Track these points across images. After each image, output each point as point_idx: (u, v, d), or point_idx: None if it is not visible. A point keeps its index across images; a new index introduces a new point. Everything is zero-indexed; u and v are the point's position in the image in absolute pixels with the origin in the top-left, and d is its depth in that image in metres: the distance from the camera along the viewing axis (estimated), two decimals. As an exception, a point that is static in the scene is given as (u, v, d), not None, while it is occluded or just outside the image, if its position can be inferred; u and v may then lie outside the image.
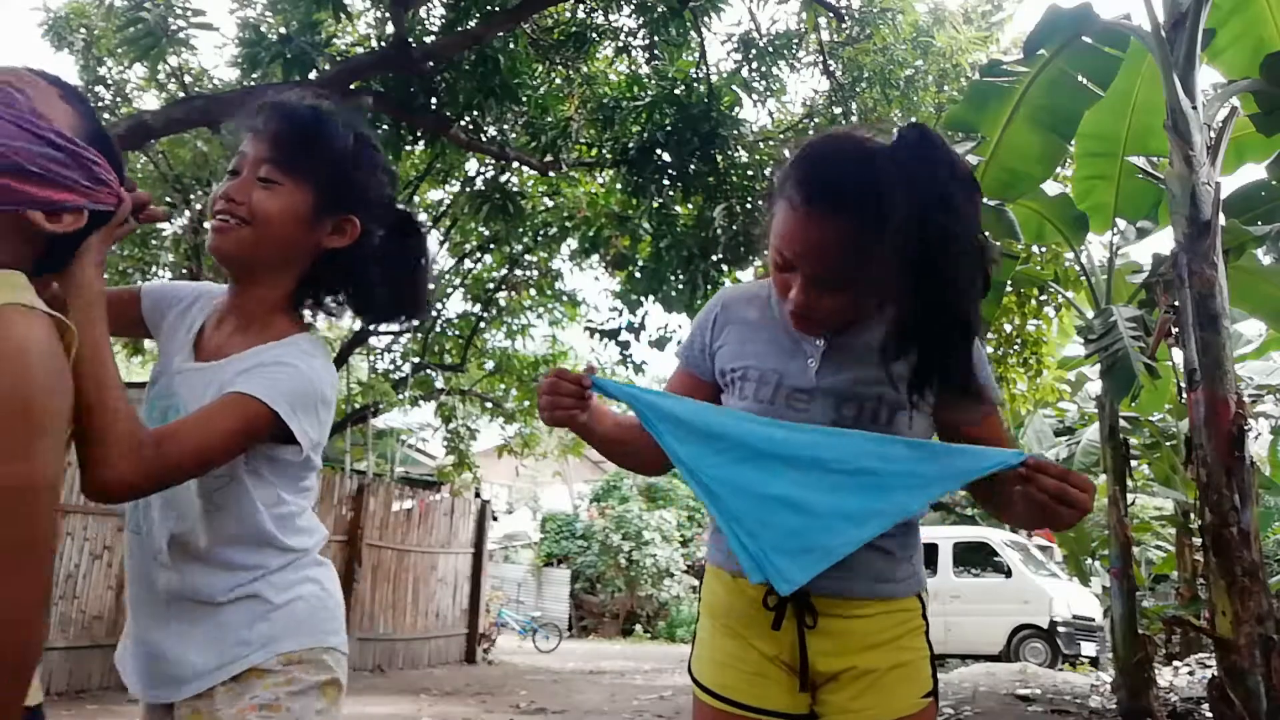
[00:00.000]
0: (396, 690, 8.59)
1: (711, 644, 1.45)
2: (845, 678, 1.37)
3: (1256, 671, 3.96)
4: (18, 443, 0.89)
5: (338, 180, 1.29)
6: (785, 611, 1.36)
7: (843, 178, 1.20)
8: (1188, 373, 4.40)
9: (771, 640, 1.38)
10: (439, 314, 11.96)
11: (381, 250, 1.35)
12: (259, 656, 1.24)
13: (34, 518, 0.90)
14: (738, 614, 1.42)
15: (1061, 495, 1.15)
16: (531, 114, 7.31)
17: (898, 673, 1.36)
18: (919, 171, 1.15)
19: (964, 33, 8.00)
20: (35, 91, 1.03)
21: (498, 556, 18.76)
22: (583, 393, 1.33)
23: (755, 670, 1.39)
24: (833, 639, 1.37)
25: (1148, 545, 13.71)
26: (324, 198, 1.28)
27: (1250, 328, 10.07)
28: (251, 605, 1.27)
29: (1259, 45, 5.14)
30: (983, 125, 5.65)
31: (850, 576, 1.35)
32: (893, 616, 1.39)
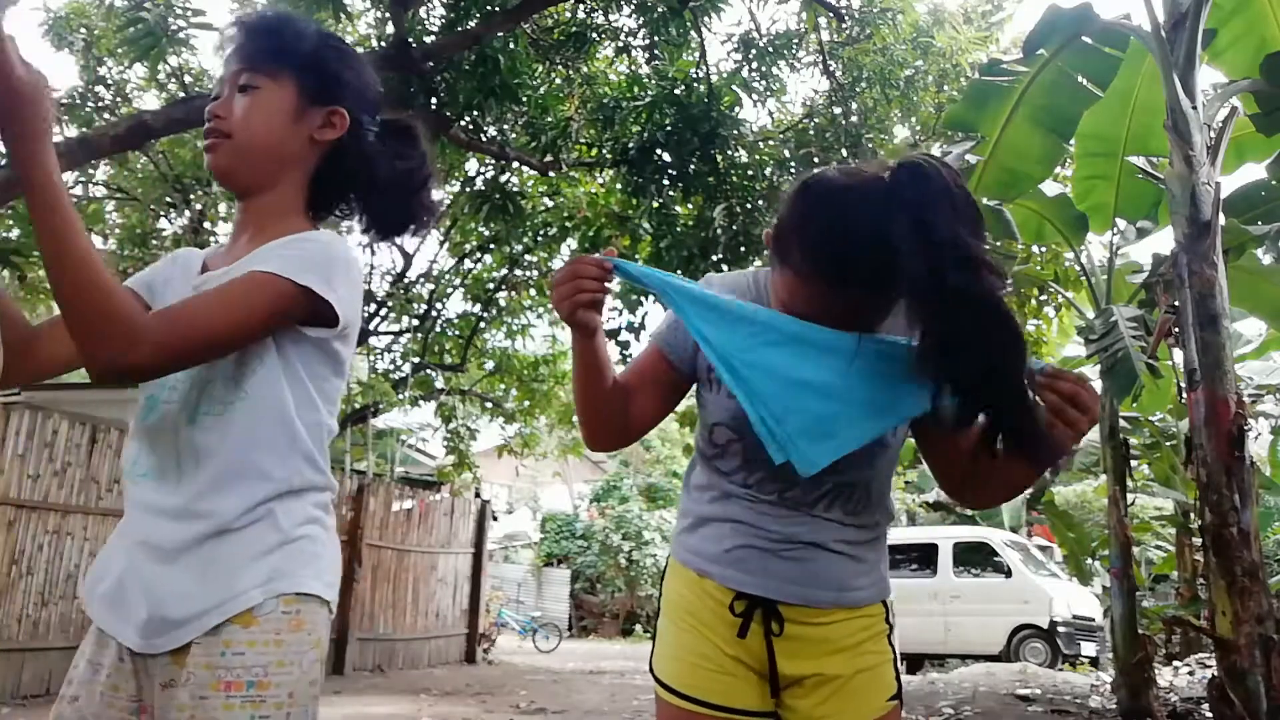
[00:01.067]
0: (396, 690, 8.59)
1: (674, 641, 1.42)
2: (810, 683, 1.37)
3: (1256, 671, 3.96)
4: None
5: (315, 70, 1.27)
6: (752, 619, 1.36)
7: (850, 250, 1.18)
8: (1188, 373, 4.40)
9: (738, 644, 1.38)
10: (439, 314, 11.96)
11: (383, 149, 1.33)
12: (257, 595, 1.14)
13: None
14: (703, 615, 1.40)
15: (1075, 398, 1.16)
16: (531, 114, 7.31)
17: (862, 678, 1.37)
18: (923, 216, 1.13)
19: (964, 33, 8.00)
20: None
21: (498, 556, 18.76)
22: (606, 275, 1.23)
23: (720, 668, 1.37)
24: (798, 643, 1.37)
25: (1148, 545, 13.70)
26: (305, 89, 1.26)
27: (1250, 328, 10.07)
28: (263, 532, 1.17)
29: (1260, 45, 5.14)
30: (982, 125, 5.65)
31: (818, 585, 1.37)
32: (857, 622, 1.39)
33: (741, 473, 1.38)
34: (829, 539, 1.38)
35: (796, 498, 1.36)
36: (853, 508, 1.38)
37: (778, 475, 1.33)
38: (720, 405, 1.37)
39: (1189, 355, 4.37)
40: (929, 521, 17.26)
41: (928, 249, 1.11)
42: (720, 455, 1.40)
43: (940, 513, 18.05)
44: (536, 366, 12.43)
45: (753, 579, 1.37)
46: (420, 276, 11.71)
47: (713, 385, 1.38)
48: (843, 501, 1.37)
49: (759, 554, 1.37)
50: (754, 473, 1.37)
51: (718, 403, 1.37)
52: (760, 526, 1.38)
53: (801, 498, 1.36)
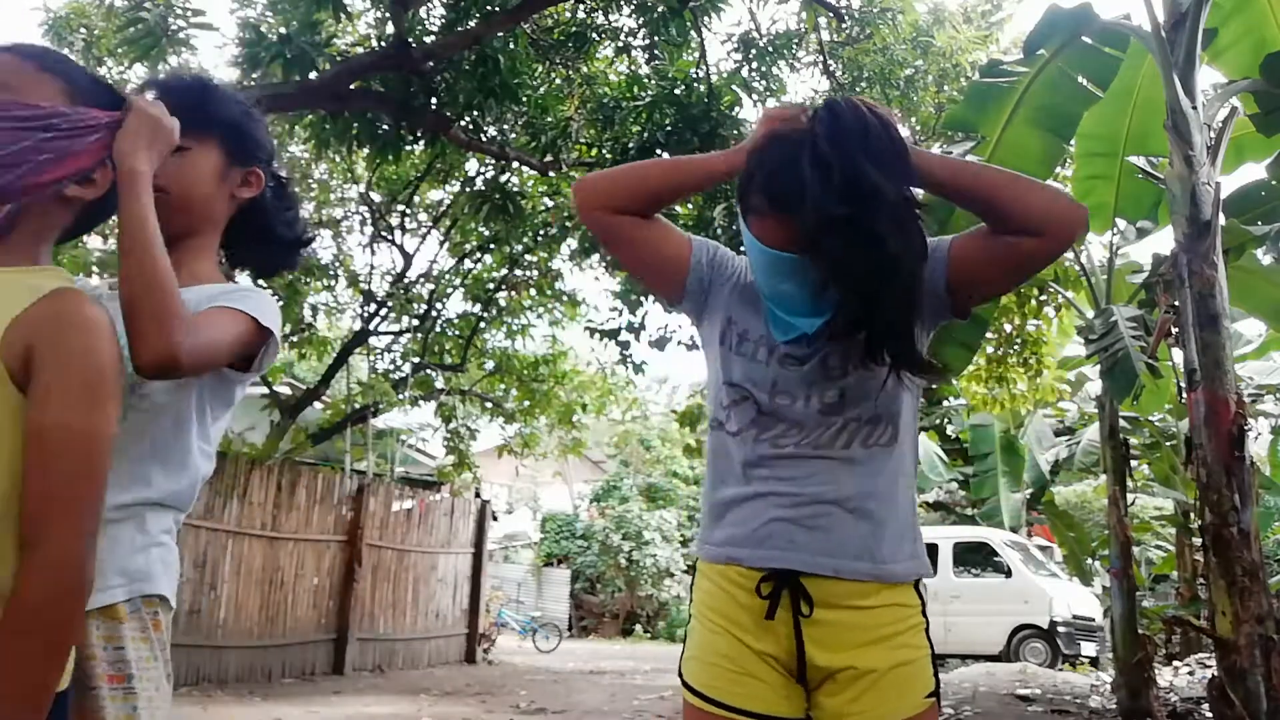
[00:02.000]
0: (396, 690, 8.59)
1: (700, 643, 1.41)
2: (843, 678, 1.33)
3: (1256, 671, 3.95)
4: (97, 399, 1.06)
5: (240, 134, 1.41)
6: (779, 600, 1.33)
7: (776, 183, 1.33)
8: (1188, 373, 4.40)
9: (766, 634, 1.35)
10: (439, 314, 11.96)
11: (276, 203, 1.48)
12: (121, 594, 1.23)
13: (99, 462, 1.06)
14: (730, 609, 1.38)
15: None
16: (531, 114, 7.31)
17: (899, 673, 1.33)
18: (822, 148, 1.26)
19: (964, 32, 8.00)
20: (17, 80, 1.12)
21: (498, 556, 18.76)
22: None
23: (744, 670, 1.35)
24: (830, 630, 1.33)
25: (1148, 545, 13.72)
26: (230, 152, 1.39)
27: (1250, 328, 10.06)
28: (134, 531, 1.26)
29: (1260, 45, 5.14)
30: (982, 125, 5.65)
31: (848, 554, 1.34)
32: (892, 611, 1.35)
33: (753, 429, 1.40)
34: (851, 492, 1.35)
35: (813, 441, 1.37)
36: (872, 442, 1.38)
37: (787, 420, 1.38)
38: (735, 364, 1.43)
39: (1189, 355, 4.37)
40: (929, 521, 17.26)
41: (822, 177, 1.24)
42: (732, 410, 1.43)
43: (940, 513, 18.07)
44: (536, 366, 12.42)
45: (781, 554, 1.35)
46: (420, 276, 11.71)
47: (732, 345, 1.44)
48: (861, 438, 1.37)
49: (784, 526, 1.35)
50: (766, 427, 1.39)
51: (734, 361, 1.43)
52: (781, 494, 1.36)
53: (817, 440, 1.37)
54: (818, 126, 1.29)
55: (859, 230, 1.23)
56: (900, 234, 1.25)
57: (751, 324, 1.45)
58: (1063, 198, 1.41)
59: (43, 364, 1.04)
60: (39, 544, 1.01)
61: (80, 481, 1.04)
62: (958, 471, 16.62)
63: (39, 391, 1.04)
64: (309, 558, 9.47)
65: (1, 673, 0.98)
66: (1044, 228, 1.31)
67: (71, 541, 1.02)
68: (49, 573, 1.01)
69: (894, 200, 1.25)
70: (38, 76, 1.13)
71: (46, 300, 1.07)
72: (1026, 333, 8.73)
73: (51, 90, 1.13)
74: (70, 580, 1.02)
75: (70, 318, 1.06)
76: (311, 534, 9.56)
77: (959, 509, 17.82)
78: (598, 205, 1.49)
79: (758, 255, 1.38)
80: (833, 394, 1.38)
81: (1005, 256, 1.35)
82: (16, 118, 1.09)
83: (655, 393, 24.31)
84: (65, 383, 1.04)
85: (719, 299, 1.49)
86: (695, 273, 1.51)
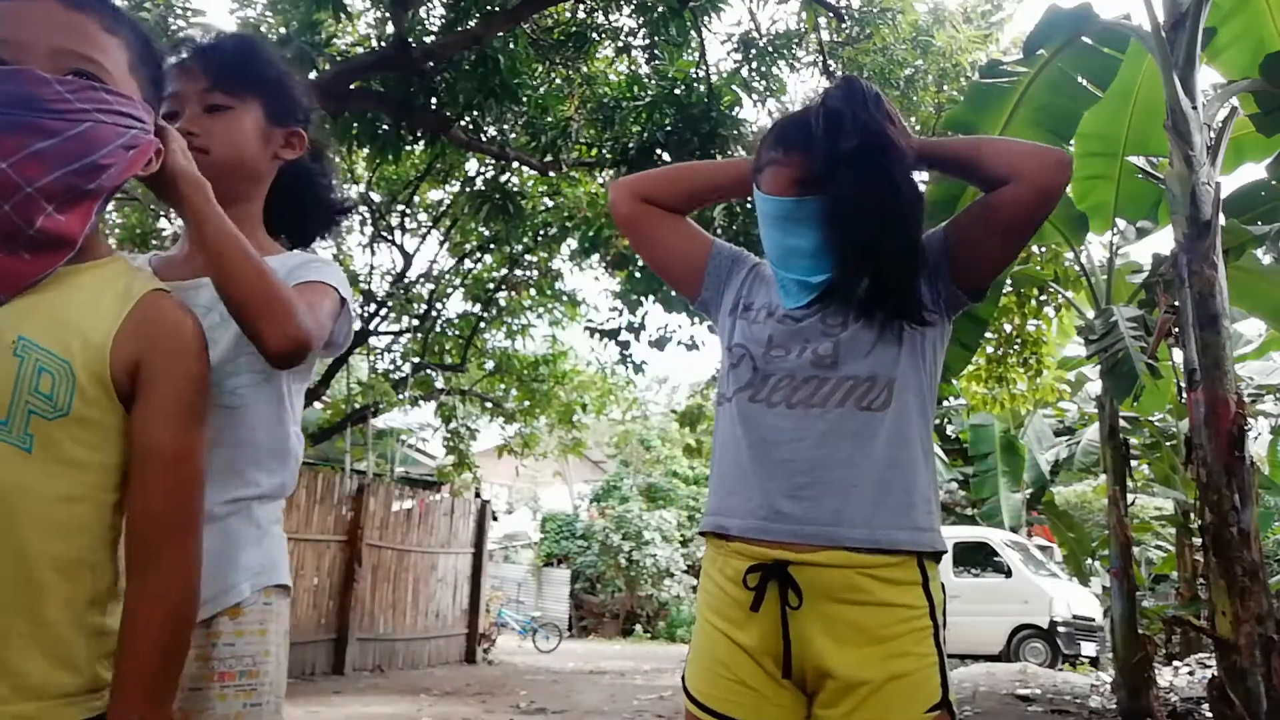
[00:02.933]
0: (396, 690, 8.59)
1: (698, 648, 1.39)
2: (834, 688, 1.28)
3: (1256, 671, 3.95)
4: (200, 415, 1.06)
5: (282, 93, 1.35)
6: (765, 591, 1.30)
7: (791, 127, 1.44)
8: (1188, 373, 4.40)
9: (752, 627, 1.31)
10: (439, 314, 11.96)
11: (314, 167, 1.44)
12: (247, 590, 1.20)
13: (202, 480, 1.06)
14: (721, 604, 1.36)
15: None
16: (531, 114, 7.31)
17: (894, 687, 1.25)
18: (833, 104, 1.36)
19: (964, 32, 7.99)
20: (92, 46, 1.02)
21: (498, 556, 18.76)
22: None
23: (738, 678, 1.32)
24: (821, 623, 1.28)
25: (1148, 545, 13.71)
26: (272, 112, 1.34)
27: (1250, 328, 10.07)
28: (246, 524, 1.23)
29: (1259, 45, 5.14)
30: (982, 125, 5.64)
31: (843, 522, 1.29)
32: (892, 612, 1.28)
33: (749, 389, 1.40)
34: (846, 454, 1.31)
35: (804, 398, 1.35)
36: (866, 404, 1.34)
37: (779, 373, 1.39)
38: (738, 328, 1.47)
39: (1189, 355, 4.37)
40: (929, 521, 17.25)
41: (832, 122, 1.33)
42: (731, 375, 1.45)
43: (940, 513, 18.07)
44: (536, 366, 12.42)
45: (768, 524, 1.32)
46: (420, 276, 11.70)
47: (738, 313, 1.50)
48: (856, 399, 1.34)
49: (775, 495, 1.32)
50: (760, 385, 1.39)
51: (737, 326, 1.48)
52: (775, 458, 1.34)
53: (809, 396, 1.35)
54: (829, 93, 1.38)
55: (870, 165, 1.30)
56: (905, 179, 1.33)
57: (759, 296, 1.50)
58: (1037, 145, 1.47)
59: (153, 379, 1.02)
60: (156, 568, 1.00)
61: (192, 501, 1.04)
62: (958, 471, 16.63)
63: (151, 409, 1.01)
64: (309, 558, 9.47)
65: (126, 683, 0.98)
66: (1020, 171, 1.35)
67: (189, 565, 1.03)
68: (170, 597, 1.01)
69: (900, 147, 1.32)
70: (107, 40, 1.04)
71: (148, 307, 1.04)
72: (1026, 333, 8.73)
73: (119, 57, 1.05)
74: (187, 604, 1.02)
75: (177, 330, 1.05)
76: (311, 534, 9.56)
77: (959, 509, 17.81)
78: (635, 195, 1.59)
79: (768, 209, 1.43)
80: (827, 346, 1.37)
81: (994, 211, 1.39)
82: (117, 113, 1.02)
83: (655, 393, 24.33)
84: (176, 399, 1.03)
85: (733, 285, 1.55)
86: (714, 263, 1.57)
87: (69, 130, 0.97)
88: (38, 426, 0.95)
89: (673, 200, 1.58)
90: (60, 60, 0.98)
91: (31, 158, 0.95)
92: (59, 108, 0.96)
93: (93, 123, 0.99)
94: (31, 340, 0.96)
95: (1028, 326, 8.70)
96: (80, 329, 0.99)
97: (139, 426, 1.01)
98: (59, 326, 0.98)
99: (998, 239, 1.42)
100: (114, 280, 1.05)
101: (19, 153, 0.95)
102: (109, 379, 0.99)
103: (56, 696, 0.95)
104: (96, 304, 1.02)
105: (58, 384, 0.96)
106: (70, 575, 0.97)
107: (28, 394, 0.95)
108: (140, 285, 1.06)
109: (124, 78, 1.05)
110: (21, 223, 0.96)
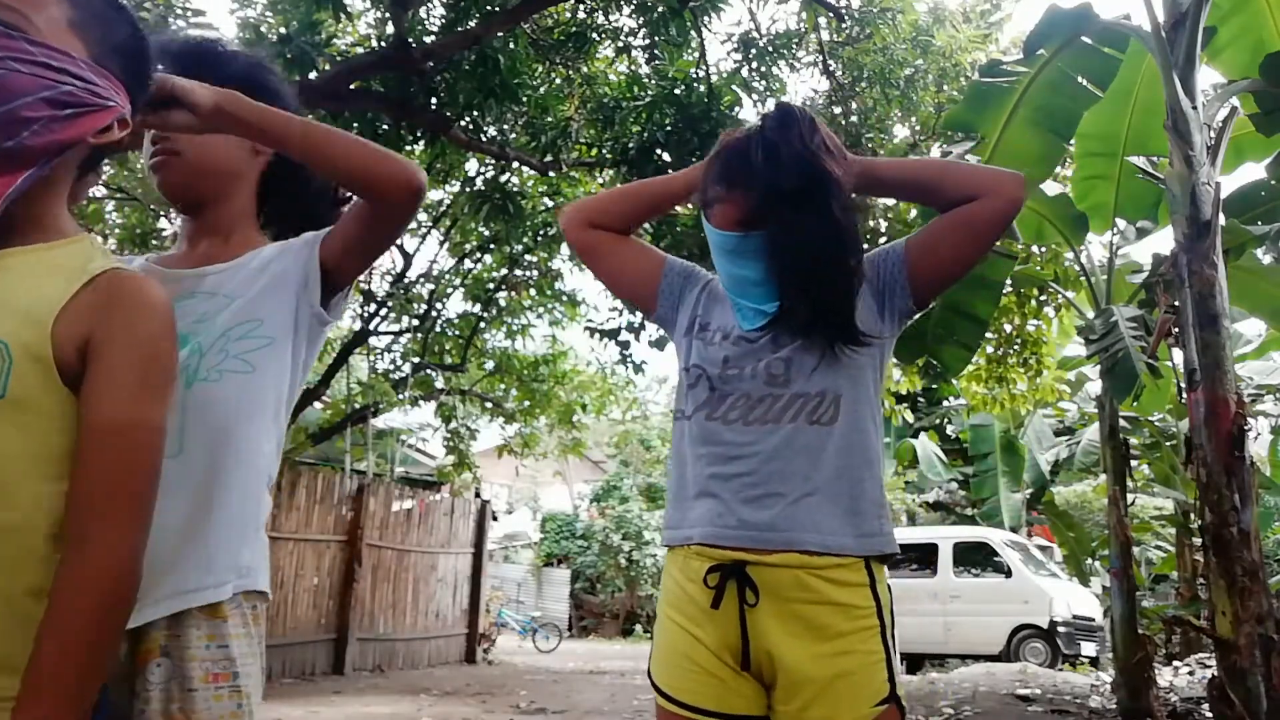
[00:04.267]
0: (396, 690, 8.59)
1: (661, 643, 1.45)
2: (785, 683, 1.35)
3: (1256, 671, 3.96)
4: (156, 389, 0.99)
5: (251, 86, 1.30)
6: (725, 590, 1.36)
7: (731, 166, 1.47)
8: (1188, 373, 4.40)
9: (712, 625, 1.38)
10: (439, 314, 11.95)
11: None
12: (229, 590, 1.18)
13: (156, 456, 0.99)
14: (682, 603, 1.42)
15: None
16: (531, 114, 7.30)
17: (841, 684, 1.33)
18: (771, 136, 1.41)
19: (964, 32, 7.99)
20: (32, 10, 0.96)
21: (498, 556, 18.76)
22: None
23: (702, 668, 1.38)
24: (774, 619, 1.35)
25: (1148, 545, 13.72)
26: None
27: (1250, 328, 10.08)
28: (241, 519, 1.21)
29: (1257, 45, 5.14)
30: (982, 125, 5.65)
31: (797, 527, 1.36)
32: (841, 610, 1.35)
33: (706, 408, 1.46)
34: (799, 467, 1.39)
35: (760, 415, 1.42)
36: (816, 419, 1.41)
37: (736, 392, 1.45)
38: (694, 349, 1.53)
39: (1189, 355, 4.37)
40: (929, 521, 17.27)
41: (769, 156, 1.39)
42: (689, 394, 1.51)
43: (940, 513, 18.07)
44: (536, 366, 12.41)
45: (731, 531, 1.38)
46: (420, 276, 11.69)
47: (694, 334, 1.55)
48: (807, 414, 1.42)
49: (734, 503, 1.39)
50: (717, 404, 1.46)
51: (693, 347, 1.53)
52: (731, 472, 1.40)
53: (764, 414, 1.42)
54: (767, 123, 1.44)
55: (807, 202, 1.37)
56: (843, 210, 1.39)
57: (715, 316, 1.55)
58: (995, 168, 1.54)
59: (100, 354, 0.95)
60: (84, 543, 0.93)
61: (134, 476, 0.96)
62: (958, 471, 16.63)
63: (96, 384, 0.95)
64: (309, 558, 9.47)
65: (39, 677, 0.89)
66: (989, 188, 1.45)
67: (120, 541, 0.94)
68: (96, 573, 0.92)
69: (836, 180, 1.39)
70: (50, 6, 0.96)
71: (102, 284, 0.97)
72: (1026, 333, 8.72)
73: (53, 13, 0.97)
74: (119, 593, 0.94)
75: (132, 303, 0.98)
76: (311, 534, 9.56)
77: (959, 509, 17.82)
78: (584, 222, 1.64)
79: (717, 242, 1.48)
80: (779, 366, 1.44)
81: (955, 225, 1.47)
82: (39, 63, 0.93)
83: (655, 393, 24.34)
84: (125, 373, 0.96)
85: (688, 303, 1.61)
86: (667, 280, 1.63)
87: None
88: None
89: (621, 222, 1.65)
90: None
91: None
92: None
93: (3, 70, 0.90)
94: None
95: (1028, 326, 8.70)
96: (20, 308, 0.93)
97: (84, 400, 0.95)
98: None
99: (970, 247, 1.51)
100: (70, 260, 0.98)
101: None
102: (50, 359, 0.93)
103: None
104: (43, 283, 0.95)
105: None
106: (8, 566, 0.91)
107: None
108: (100, 264, 0.99)
109: (58, 32, 0.96)
110: None
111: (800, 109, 1.44)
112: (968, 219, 1.46)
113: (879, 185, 1.56)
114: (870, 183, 1.53)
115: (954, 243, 1.48)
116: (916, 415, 16.01)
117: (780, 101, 1.52)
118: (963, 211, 1.46)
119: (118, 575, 0.94)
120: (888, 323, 1.50)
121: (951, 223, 1.47)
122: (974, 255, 1.53)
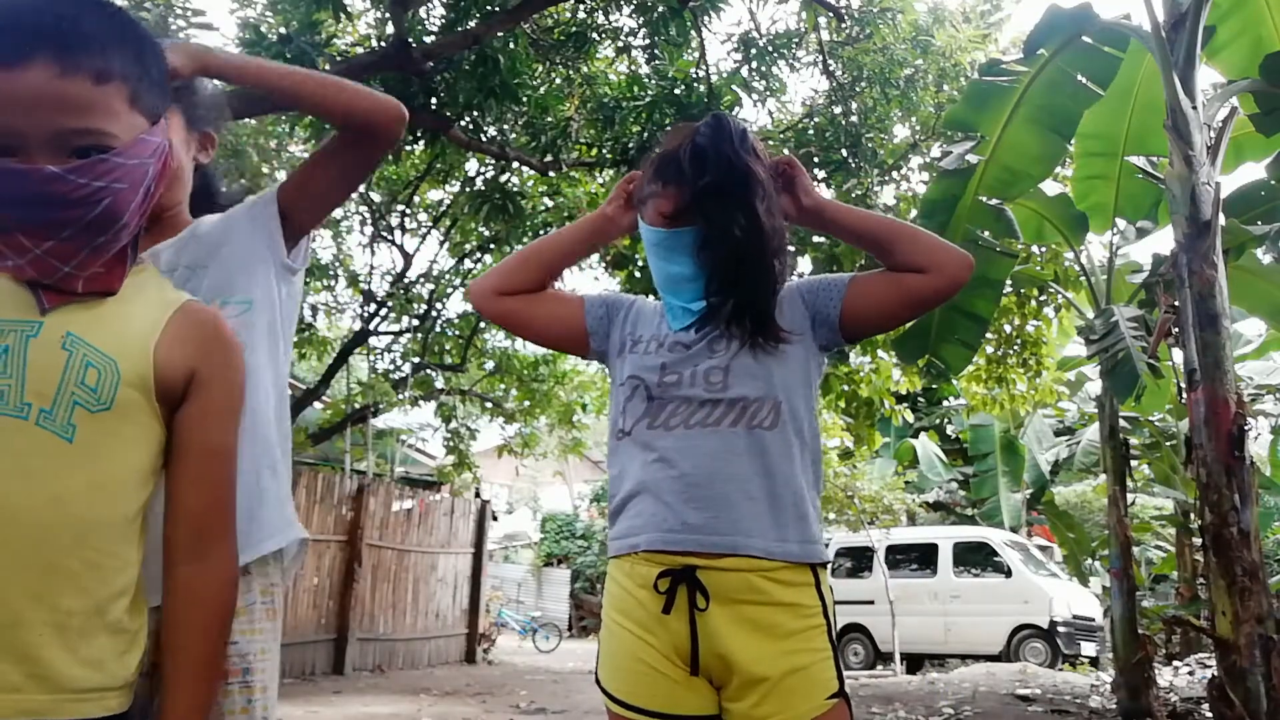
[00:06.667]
0: (396, 690, 8.59)
1: (609, 649, 1.46)
2: (737, 683, 1.37)
3: (1256, 671, 3.96)
4: (238, 418, 1.12)
5: (190, 97, 1.41)
6: (675, 594, 1.38)
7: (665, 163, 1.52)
8: (1188, 373, 4.40)
9: (662, 629, 1.39)
10: (439, 314, 11.95)
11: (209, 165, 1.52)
12: (251, 554, 1.23)
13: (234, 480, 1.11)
14: (630, 607, 1.43)
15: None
16: (531, 114, 7.30)
17: (793, 680, 1.36)
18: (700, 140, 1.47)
19: (964, 32, 7.99)
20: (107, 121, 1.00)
21: (498, 556, 18.76)
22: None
23: (653, 668, 1.39)
24: (725, 622, 1.37)
25: (1148, 545, 13.72)
26: (187, 117, 1.41)
27: (1250, 328, 10.09)
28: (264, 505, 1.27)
29: (1256, 44, 5.14)
30: (982, 125, 5.65)
31: (741, 532, 1.39)
32: (790, 610, 1.39)
33: (645, 418, 1.48)
34: (741, 471, 1.41)
35: (701, 419, 1.44)
36: (756, 424, 1.44)
37: (676, 399, 1.46)
38: (628, 363, 1.54)
39: (1189, 355, 4.37)
40: (929, 521, 17.26)
41: (696, 157, 1.45)
42: (627, 407, 1.52)
43: (940, 513, 18.07)
44: (536, 366, 12.41)
45: (677, 536, 1.40)
46: (420, 276, 11.70)
47: (626, 351, 1.57)
48: (747, 420, 1.43)
49: (679, 508, 1.41)
50: (657, 413, 1.47)
51: (627, 361, 1.55)
52: (674, 477, 1.42)
53: (705, 418, 1.44)
54: (700, 128, 1.48)
55: (732, 198, 1.42)
56: (767, 212, 1.43)
57: (644, 329, 1.58)
58: (950, 246, 1.55)
59: (207, 383, 1.08)
60: (207, 558, 1.06)
61: (233, 496, 1.10)
62: (958, 471, 16.64)
63: (203, 414, 1.07)
64: (309, 558, 9.47)
65: (191, 677, 1.03)
66: (929, 265, 1.49)
67: (233, 555, 1.09)
68: (223, 583, 1.07)
69: (761, 181, 1.44)
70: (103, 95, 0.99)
71: (191, 317, 1.09)
72: (1026, 333, 8.72)
73: (118, 106, 1.01)
74: (233, 599, 1.09)
75: (226, 340, 1.12)
76: (311, 534, 9.51)
77: (959, 509, 17.82)
78: (492, 294, 1.64)
79: (649, 238, 1.54)
80: (717, 372, 1.46)
81: (897, 289, 1.52)
82: (132, 166, 1.02)
83: (655, 393, 24.29)
84: (223, 405, 1.10)
85: (616, 327, 1.62)
86: (591, 317, 1.64)
87: (89, 214, 0.99)
88: (81, 418, 0.98)
89: (530, 284, 1.65)
90: (63, 141, 0.97)
91: (59, 245, 0.99)
92: (75, 196, 0.97)
93: (111, 197, 1.00)
94: (79, 336, 1.00)
95: (1028, 327, 8.70)
96: (123, 331, 1.04)
97: (193, 425, 1.07)
98: (103, 327, 1.03)
99: (897, 311, 1.57)
100: (146, 286, 1.10)
101: (47, 242, 0.99)
102: (152, 381, 1.03)
103: (72, 690, 0.94)
104: (140, 310, 1.07)
105: (103, 379, 1.00)
106: (96, 567, 0.98)
107: (74, 386, 0.98)
108: (173, 294, 1.12)
109: (128, 122, 1.02)
110: (66, 290, 1.02)
111: (732, 118, 1.51)
112: (907, 287, 1.51)
113: (829, 224, 1.59)
114: (820, 220, 1.58)
115: (888, 302, 1.54)
116: (916, 415, 16.01)
117: (715, 112, 1.55)
118: (906, 279, 1.51)
119: (234, 584, 1.09)
120: (814, 338, 1.54)
121: (893, 284, 1.53)
122: (904, 319, 1.60)
